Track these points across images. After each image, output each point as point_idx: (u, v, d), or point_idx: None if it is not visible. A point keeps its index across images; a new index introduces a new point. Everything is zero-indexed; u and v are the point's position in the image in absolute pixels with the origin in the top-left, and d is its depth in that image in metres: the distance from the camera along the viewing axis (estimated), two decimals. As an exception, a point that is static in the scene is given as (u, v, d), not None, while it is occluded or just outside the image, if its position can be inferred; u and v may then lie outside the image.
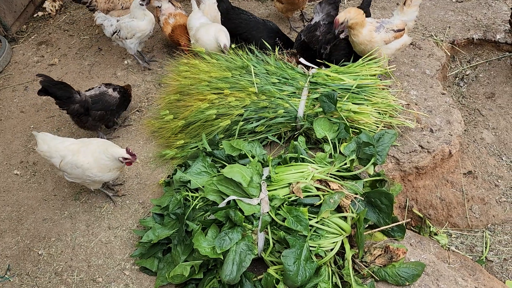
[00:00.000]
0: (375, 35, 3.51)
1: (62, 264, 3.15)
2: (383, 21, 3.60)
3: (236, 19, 4.16)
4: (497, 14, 4.73)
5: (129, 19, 4.27)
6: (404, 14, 3.63)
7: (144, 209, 3.38)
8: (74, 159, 3.06)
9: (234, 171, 2.78)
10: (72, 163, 3.06)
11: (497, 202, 3.65)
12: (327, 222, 2.69)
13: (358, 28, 3.50)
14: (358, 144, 3.00)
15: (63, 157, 3.07)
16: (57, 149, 3.10)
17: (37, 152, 3.14)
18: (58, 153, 3.09)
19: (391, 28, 3.54)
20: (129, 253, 3.12)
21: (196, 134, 3.60)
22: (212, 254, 2.58)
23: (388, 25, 3.55)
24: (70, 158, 3.06)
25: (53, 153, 3.10)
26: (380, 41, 3.52)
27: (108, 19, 4.39)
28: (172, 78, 3.85)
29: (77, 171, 3.08)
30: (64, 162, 3.06)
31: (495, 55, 4.57)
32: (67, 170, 3.10)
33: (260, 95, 3.50)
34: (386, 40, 3.53)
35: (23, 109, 4.48)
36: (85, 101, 3.58)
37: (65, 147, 3.10)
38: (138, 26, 4.27)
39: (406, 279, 2.64)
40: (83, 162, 3.04)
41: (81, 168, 3.05)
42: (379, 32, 3.51)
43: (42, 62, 5.07)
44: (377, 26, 3.54)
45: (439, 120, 3.60)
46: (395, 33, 3.54)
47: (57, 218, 3.42)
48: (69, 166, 3.07)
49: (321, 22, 4.00)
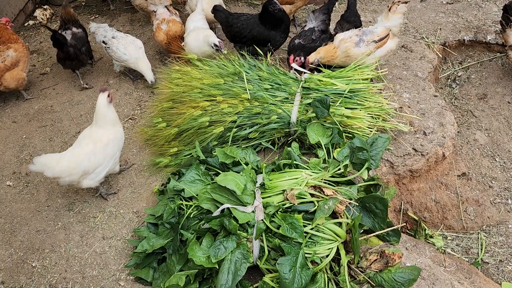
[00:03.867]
0: (353, 51, 3.56)
1: (56, 276, 3.11)
2: (364, 32, 3.63)
3: (237, 23, 4.14)
4: (487, 15, 4.76)
5: (123, 50, 4.28)
6: (388, 20, 3.69)
7: (139, 218, 3.36)
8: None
9: (227, 179, 2.77)
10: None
11: (491, 204, 3.66)
12: (322, 229, 2.68)
13: (331, 58, 3.62)
14: (351, 149, 3.00)
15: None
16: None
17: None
18: None
19: (372, 39, 3.57)
20: (124, 263, 3.10)
21: (190, 142, 3.59)
22: (207, 263, 2.56)
23: (369, 36, 3.59)
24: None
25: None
26: (359, 55, 3.56)
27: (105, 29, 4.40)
28: (165, 86, 3.83)
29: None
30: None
31: (486, 56, 4.60)
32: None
33: (253, 101, 3.49)
34: (367, 53, 3.56)
35: (15, 119, 4.44)
36: (75, 43, 4.38)
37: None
38: (128, 63, 4.34)
39: (402, 284, 2.63)
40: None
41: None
42: (359, 47, 3.55)
43: (34, 71, 5.04)
44: (356, 42, 3.58)
45: (432, 122, 3.60)
46: (377, 43, 3.57)
47: (50, 229, 3.39)
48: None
49: (315, 28, 4.03)
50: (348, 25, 3.80)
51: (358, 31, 3.64)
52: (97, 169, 3.18)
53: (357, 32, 3.63)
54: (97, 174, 3.20)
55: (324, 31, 4.09)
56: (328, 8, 4.11)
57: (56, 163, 3.03)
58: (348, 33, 3.63)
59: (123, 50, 4.25)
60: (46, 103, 4.57)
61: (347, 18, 3.85)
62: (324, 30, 4.09)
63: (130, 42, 4.32)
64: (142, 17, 5.63)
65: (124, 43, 4.28)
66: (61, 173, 3.04)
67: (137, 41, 4.38)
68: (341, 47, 3.60)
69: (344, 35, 3.66)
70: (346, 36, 3.64)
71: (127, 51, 4.26)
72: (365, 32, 3.61)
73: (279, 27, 4.04)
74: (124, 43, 4.28)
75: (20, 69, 4.43)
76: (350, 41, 3.56)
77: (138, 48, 4.33)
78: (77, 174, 3.08)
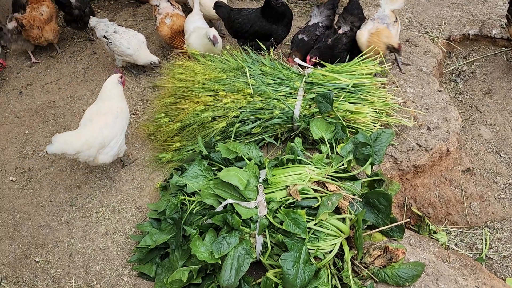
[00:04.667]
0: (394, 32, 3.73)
1: (59, 271, 3.12)
2: (380, 17, 3.64)
3: (238, 18, 4.11)
4: (492, 9, 4.71)
5: (127, 44, 4.26)
6: (393, 3, 3.70)
7: (141, 213, 3.35)
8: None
9: (230, 175, 2.75)
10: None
11: (496, 199, 3.64)
12: (325, 224, 2.67)
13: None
14: (355, 144, 2.97)
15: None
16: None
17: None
18: None
19: (392, 21, 3.71)
20: (127, 259, 3.10)
21: (192, 137, 3.57)
22: (210, 259, 2.56)
23: (387, 19, 3.69)
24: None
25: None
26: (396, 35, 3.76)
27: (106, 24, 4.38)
28: (167, 81, 3.82)
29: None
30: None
31: (491, 50, 4.56)
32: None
33: (256, 96, 3.47)
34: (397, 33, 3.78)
35: (17, 114, 4.44)
36: (79, 5, 4.87)
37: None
38: (133, 57, 4.35)
39: (406, 280, 2.62)
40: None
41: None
42: (392, 29, 3.71)
43: (36, 66, 5.03)
44: (388, 23, 3.68)
45: (436, 117, 3.58)
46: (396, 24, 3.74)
47: (53, 224, 3.40)
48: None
49: (320, 24, 4.00)
50: (351, 17, 3.76)
51: (376, 19, 3.70)
52: (111, 142, 3.27)
53: (376, 19, 3.69)
54: (111, 148, 3.28)
55: (329, 26, 4.06)
56: (333, 4, 4.07)
57: (74, 139, 3.11)
58: (370, 24, 3.64)
59: (126, 44, 4.24)
60: (48, 98, 4.56)
61: (350, 11, 3.81)
62: (329, 25, 4.06)
63: (133, 36, 4.31)
64: (145, 12, 5.61)
65: (127, 37, 4.26)
66: (81, 147, 3.10)
67: (139, 35, 4.36)
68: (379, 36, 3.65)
69: (370, 27, 3.66)
70: (373, 26, 3.65)
71: (130, 45, 4.24)
72: (380, 17, 3.67)
73: (281, 21, 4.00)
74: (127, 37, 4.26)
75: (54, 23, 5.01)
76: (385, 27, 3.63)
77: (141, 42, 4.32)
78: (95, 147, 3.17)
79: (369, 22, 3.72)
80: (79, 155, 3.13)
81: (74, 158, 3.17)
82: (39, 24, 4.78)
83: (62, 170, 3.78)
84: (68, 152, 3.07)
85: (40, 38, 4.87)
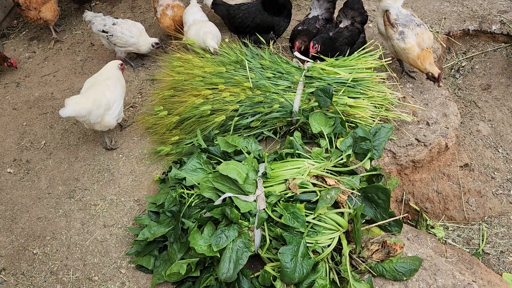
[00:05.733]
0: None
1: (57, 263, 3.12)
2: (407, 19, 3.53)
3: (239, 13, 4.09)
4: (492, 5, 4.70)
5: (130, 33, 4.23)
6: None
7: (140, 206, 3.35)
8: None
9: (229, 168, 2.75)
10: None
11: (493, 195, 3.65)
12: (324, 218, 2.67)
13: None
14: (354, 139, 2.97)
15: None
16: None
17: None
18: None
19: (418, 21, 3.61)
20: (125, 251, 3.10)
21: (191, 130, 3.57)
22: (208, 252, 2.56)
23: (414, 20, 3.56)
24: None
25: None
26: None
27: (102, 18, 4.33)
28: (166, 74, 3.80)
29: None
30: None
31: (491, 46, 4.55)
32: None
33: (255, 90, 3.46)
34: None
35: (15, 106, 4.42)
36: None
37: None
38: (136, 46, 4.32)
39: (403, 274, 2.63)
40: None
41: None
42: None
43: (34, 57, 5.00)
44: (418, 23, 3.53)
45: (435, 113, 3.58)
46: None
47: (51, 216, 3.39)
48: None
49: (319, 17, 3.98)
50: (352, 12, 3.74)
51: (409, 25, 3.49)
52: (113, 104, 3.51)
53: (409, 25, 3.49)
54: (113, 110, 3.51)
55: (329, 19, 4.04)
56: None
57: (84, 100, 3.35)
58: (412, 31, 3.47)
59: (129, 33, 4.21)
60: (46, 90, 4.54)
61: (351, 5, 3.79)
62: (329, 18, 4.04)
63: (132, 25, 4.29)
64: (143, 4, 5.57)
65: (127, 27, 4.24)
66: (92, 107, 3.33)
67: (138, 24, 4.36)
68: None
69: (413, 32, 3.47)
70: (414, 32, 3.47)
71: (133, 33, 4.22)
72: (407, 18, 3.52)
73: (282, 13, 3.99)
74: (127, 27, 4.24)
75: (53, 2, 4.94)
76: (421, 29, 3.49)
77: (141, 30, 4.32)
78: (102, 107, 3.40)
79: (413, 27, 3.49)
80: (90, 116, 3.34)
81: (84, 121, 3.40)
82: (36, 5, 4.75)
83: (60, 162, 3.77)
84: (81, 113, 3.28)
85: (39, 20, 4.87)
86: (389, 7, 3.55)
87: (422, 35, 3.45)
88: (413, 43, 3.45)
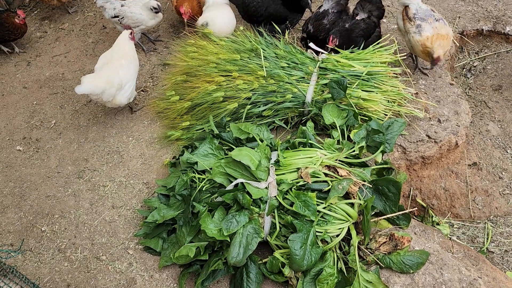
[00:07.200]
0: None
1: (65, 241, 3.14)
2: (426, 14, 3.53)
3: (253, 2, 4.06)
4: (507, 6, 4.68)
5: (139, 11, 4.21)
6: None
7: (149, 189, 3.37)
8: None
9: (242, 154, 2.76)
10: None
11: (500, 194, 3.67)
12: (334, 208, 2.69)
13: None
14: (367, 131, 2.98)
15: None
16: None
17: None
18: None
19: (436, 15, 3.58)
20: (133, 233, 3.12)
21: (202, 116, 3.57)
22: (219, 236, 2.57)
23: (434, 15, 3.54)
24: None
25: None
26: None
27: (111, 2, 4.31)
28: (179, 59, 3.79)
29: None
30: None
31: (504, 47, 4.54)
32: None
33: (269, 79, 3.46)
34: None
35: (25, 84, 4.42)
36: None
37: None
38: (145, 22, 4.30)
39: (410, 267, 2.66)
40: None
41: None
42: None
43: (46, 37, 4.99)
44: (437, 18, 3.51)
45: (447, 110, 3.58)
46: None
47: (60, 195, 3.41)
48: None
49: (329, 10, 3.94)
50: (369, 6, 3.72)
51: (428, 19, 3.50)
52: (126, 84, 3.58)
53: (427, 19, 3.50)
54: (125, 90, 3.59)
55: (340, 12, 3.96)
56: None
57: (98, 78, 3.43)
58: (430, 24, 3.47)
59: (138, 10, 4.23)
60: (57, 70, 4.53)
61: (368, -1, 3.77)
62: (340, 11, 3.97)
63: (138, 1, 4.31)
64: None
65: (134, 5, 4.24)
66: (106, 84, 3.40)
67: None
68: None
69: (431, 26, 3.48)
70: (432, 26, 3.48)
71: (142, 11, 4.23)
72: (427, 13, 3.52)
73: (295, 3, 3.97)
74: (134, 5, 4.24)
75: None
76: (440, 24, 3.49)
77: (142, 5, 4.31)
78: (115, 86, 3.47)
79: (431, 22, 3.51)
80: (103, 94, 3.41)
81: (97, 99, 3.46)
82: None
83: (70, 142, 3.77)
84: (95, 91, 3.36)
85: (52, 0, 4.93)
86: (409, 3, 3.55)
87: (440, 29, 3.44)
88: (429, 36, 3.44)
